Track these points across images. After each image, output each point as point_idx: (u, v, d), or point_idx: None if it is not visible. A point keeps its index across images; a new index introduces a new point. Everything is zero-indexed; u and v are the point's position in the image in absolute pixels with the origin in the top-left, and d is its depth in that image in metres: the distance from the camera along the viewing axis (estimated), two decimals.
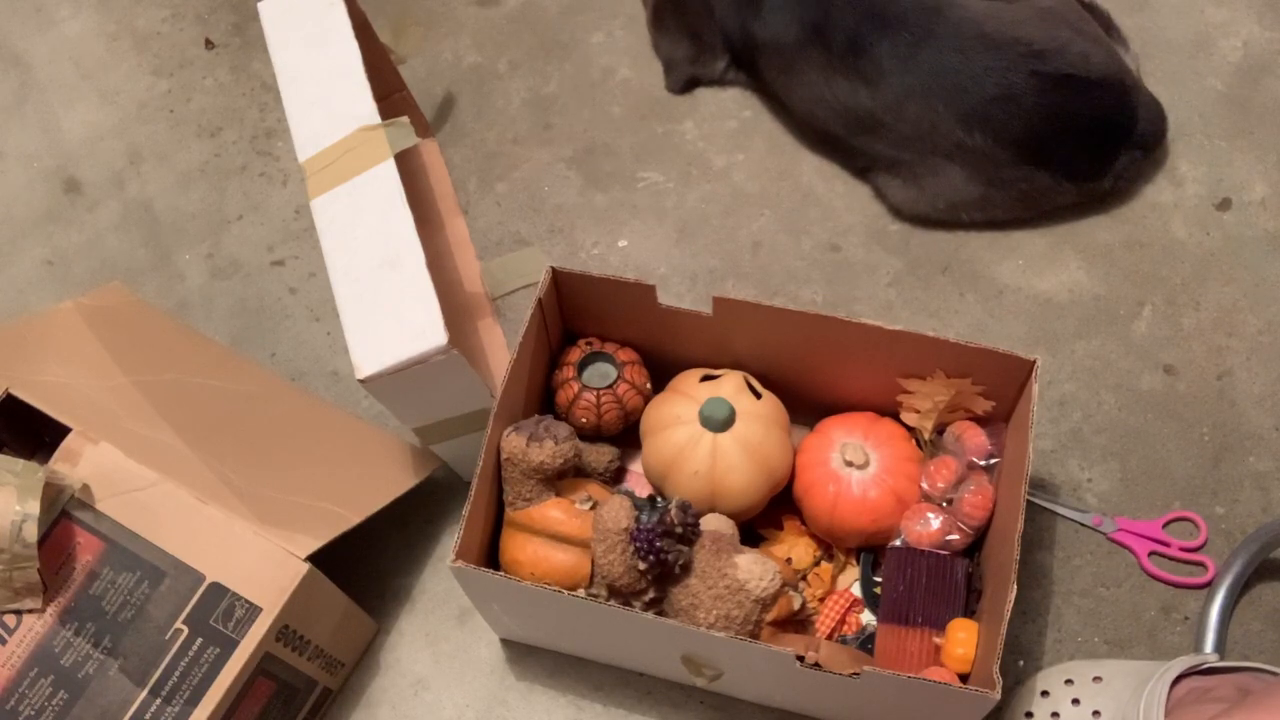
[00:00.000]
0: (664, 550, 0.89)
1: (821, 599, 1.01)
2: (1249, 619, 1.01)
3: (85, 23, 1.55)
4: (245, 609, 0.88)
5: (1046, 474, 1.09)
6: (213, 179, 1.39)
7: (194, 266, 1.32)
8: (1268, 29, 1.35)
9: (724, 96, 1.37)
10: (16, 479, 0.85)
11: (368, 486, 1.02)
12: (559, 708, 1.03)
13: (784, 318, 0.97)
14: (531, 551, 0.95)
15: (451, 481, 1.12)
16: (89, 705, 0.85)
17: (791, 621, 0.95)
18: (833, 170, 1.30)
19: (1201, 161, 1.26)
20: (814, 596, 1.01)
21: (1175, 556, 1.04)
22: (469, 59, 1.44)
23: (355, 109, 1.01)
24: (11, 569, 0.84)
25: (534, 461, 0.93)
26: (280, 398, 1.15)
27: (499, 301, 1.25)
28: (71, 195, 1.39)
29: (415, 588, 1.10)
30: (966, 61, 1.14)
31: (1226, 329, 1.16)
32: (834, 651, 0.94)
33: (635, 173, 1.33)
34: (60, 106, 1.47)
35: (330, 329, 1.25)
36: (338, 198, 0.97)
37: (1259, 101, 1.30)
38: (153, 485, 0.90)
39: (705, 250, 1.26)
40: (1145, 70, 1.27)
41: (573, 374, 1.06)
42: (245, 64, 1.48)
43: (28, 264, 1.35)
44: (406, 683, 1.05)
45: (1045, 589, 1.04)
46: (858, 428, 1.01)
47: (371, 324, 0.90)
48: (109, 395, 0.98)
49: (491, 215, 1.32)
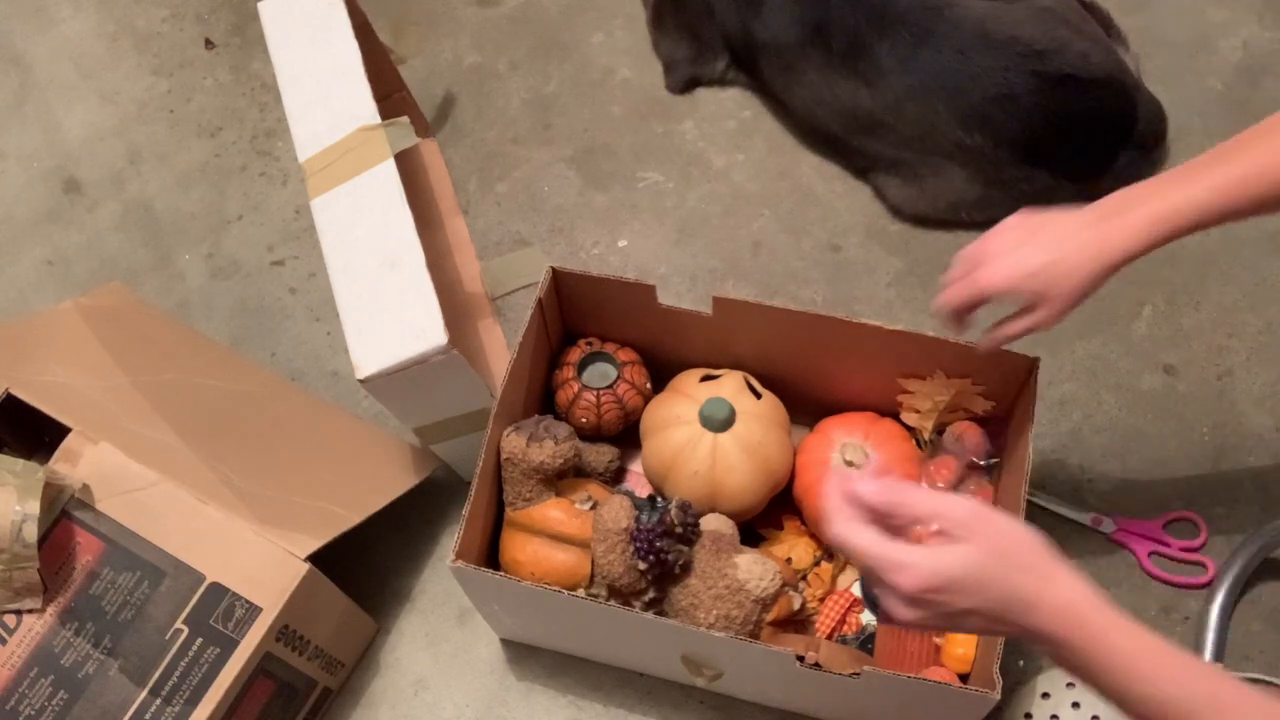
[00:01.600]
0: (664, 550, 0.89)
1: (821, 599, 1.01)
2: (1249, 619, 1.01)
3: (85, 23, 1.55)
4: (245, 609, 0.88)
5: (1046, 474, 1.09)
6: (213, 179, 1.39)
7: (194, 266, 1.32)
8: (1268, 29, 1.35)
9: (724, 96, 1.37)
10: (16, 479, 0.85)
11: (368, 486, 1.02)
12: (559, 708, 1.03)
13: (784, 318, 0.97)
14: (531, 551, 0.95)
15: (451, 481, 1.12)
16: (89, 705, 0.85)
17: (791, 621, 0.95)
18: (833, 170, 1.30)
19: None
20: (814, 596, 1.01)
21: (1175, 556, 1.04)
22: (469, 59, 1.44)
23: (355, 109, 1.01)
24: (11, 569, 0.84)
25: (534, 461, 0.93)
26: (280, 398, 1.15)
27: (499, 301, 1.25)
28: (71, 195, 1.39)
29: (415, 588, 1.10)
30: (966, 61, 1.14)
31: (1226, 329, 1.16)
32: (834, 651, 0.94)
33: (635, 173, 1.33)
34: (60, 106, 1.47)
35: (330, 329, 1.25)
36: (338, 198, 0.97)
37: (1259, 101, 1.30)
38: (153, 485, 0.90)
39: (705, 250, 1.26)
40: (1145, 70, 1.27)
41: (573, 374, 1.06)
42: (245, 64, 1.48)
43: (28, 264, 1.35)
44: (406, 683, 1.05)
45: None
46: (858, 428, 1.01)
47: (371, 324, 0.90)
48: (109, 395, 0.98)
49: (491, 215, 1.32)
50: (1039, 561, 0.59)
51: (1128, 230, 0.75)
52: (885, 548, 0.60)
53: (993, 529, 0.59)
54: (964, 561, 0.58)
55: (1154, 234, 0.75)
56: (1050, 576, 0.59)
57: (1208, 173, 0.74)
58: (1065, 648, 0.58)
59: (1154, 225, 0.75)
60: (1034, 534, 0.60)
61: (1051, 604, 0.58)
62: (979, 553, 0.58)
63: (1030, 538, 0.60)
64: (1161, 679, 0.56)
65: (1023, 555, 0.59)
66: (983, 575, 0.58)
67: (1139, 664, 0.57)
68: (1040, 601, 0.58)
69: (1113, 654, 0.57)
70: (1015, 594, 0.58)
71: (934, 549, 0.59)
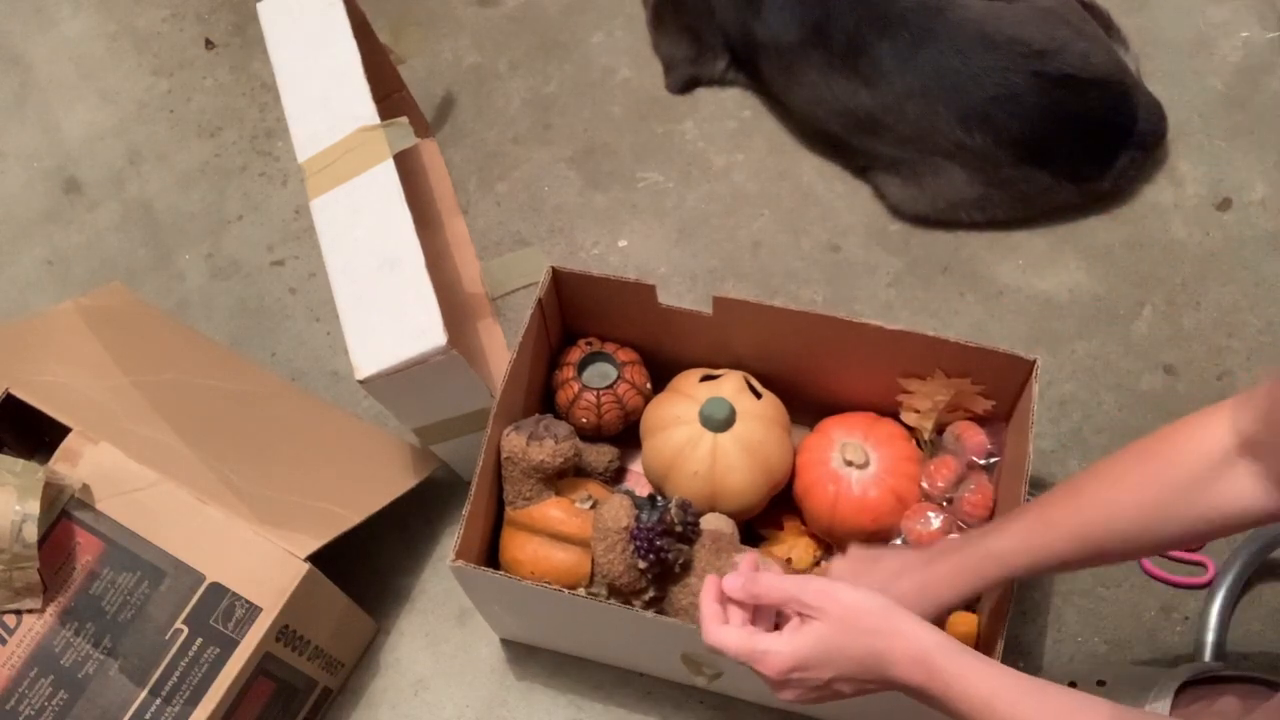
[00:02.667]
0: (664, 549, 0.89)
1: None
2: (1249, 619, 1.01)
3: (85, 23, 1.55)
4: (245, 609, 0.88)
5: (1046, 474, 1.09)
6: (213, 179, 1.39)
7: (194, 266, 1.32)
8: (1268, 29, 1.35)
9: (724, 96, 1.37)
10: (16, 479, 0.85)
11: (368, 486, 1.02)
12: (559, 708, 1.03)
13: (784, 318, 0.97)
14: (532, 551, 0.95)
15: (451, 481, 1.12)
16: (89, 705, 0.85)
17: None
18: (833, 170, 1.30)
19: (1201, 161, 1.26)
20: None
21: (1175, 556, 1.04)
22: (469, 59, 1.44)
23: (355, 109, 1.01)
24: (11, 569, 0.84)
25: (534, 460, 0.93)
26: (280, 398, 1.15)
27: (499, 301, 1.25)
28: (71, 195, 1.39)
29: (415, 588, 1.10)
30: (966, 62, 1.14)
31: (1226, 329, 1.16)
32: None
33: (635, 173, 1.33)
34: (60, 106, 1.47)
35: (330, 329, 1.25)
36: (337, 198, 0.97)
37: (1259, 101, 1.30)
38: (153, 485, 0.90)
39: (705, 250, 1.26)
40: (1145, 70, 1.27)
41: (573, 374, 1.06)
42: (245, 64, 1.48)
43: (28, 264, 1.35)
44: (406, 683, 1.05)
45: (1045, 589, 1.04)
46: (858, 428, 1.01)
47: (371, 324, 0.90)
48: (109, 395, 0.98)
49: (491, 215, 1.32)
50: (884, 622, 0.64)
51: (941, 580, 0.78)
52: (747, 643, 0.66)
53: (837, 604, 0.65)
54: (815, 638, 0.64)
55: (963, 584, 0.77)
56: (898, 633, 0.64)
57: (1012, 527, 0.76)
58: (925, 695, 0.64)
59: (960, 575, 0.77)
60: (877, 598, 0.65)
61: (904, 657, 0.63)
62: (827, 628, 0.64)
63: (873, 602, 0.65)
64: (1018, 712, 0.61)
65: (868, 620, 0.64)
66: (833, 646, 0.64)
67: (995, 703, 0.61)
68: (893, 656, 0.63)
69: (969, 697, 0.62)
70: (869, 655, 0.64)
71: (789, 634, 0.65)
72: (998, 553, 0.76)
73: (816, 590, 0.65)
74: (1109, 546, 0.72)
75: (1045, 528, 0.74)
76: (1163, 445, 0.70)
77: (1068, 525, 0.73)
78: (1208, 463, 0.66)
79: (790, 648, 0.65)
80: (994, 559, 0.76)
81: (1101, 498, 0.72)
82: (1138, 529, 0.70)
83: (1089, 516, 0.72)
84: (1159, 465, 0.69)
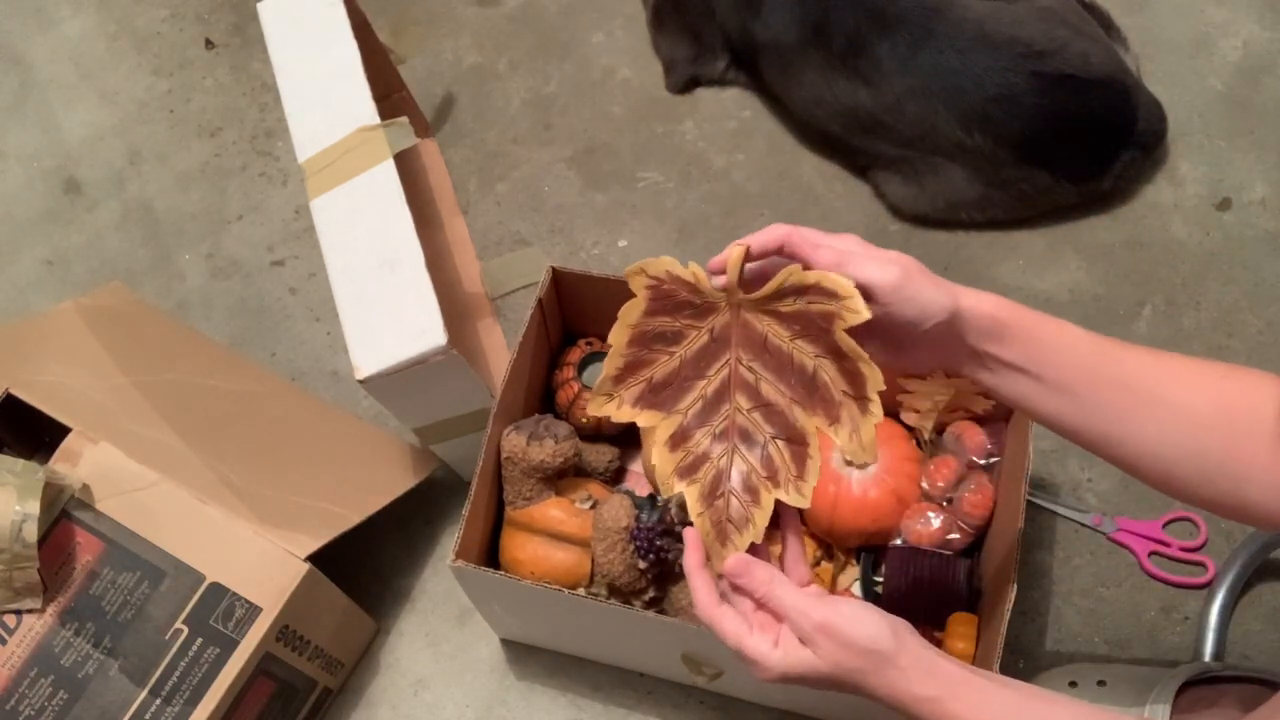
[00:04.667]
0: (664, 549, 0.89)
1: None
2: (1249, 619, 1.01)
3: (85, 23, 1.55)
4: (245, 609, 0.88)
5: (1046, 474, 1.09)
6: (213, 179, 1.39)
7: (194, 266, 1.32)
8: (1268, 29, 1.35)
9: (724, 96, 1.37)
10: (16, 479, 0.85)
11: (368, 486, 1.02)
12: (559, 708, 1.03)
13: None
14: (532, 550, 0.95)
15: (451, 481, 1.12)
16: (89, 705, 0.85)
17: None
18: (833, 170, 1.30)
19: (1201, 161, 1.26)
20: None
21: (1175, 556, 1.04)
22: (469, 59, 1.44)
23: (355, 109, 1.01)
24: (11, 569, 0.84)
25: (534, 460, 0.93)
26: (280, 398, 1.15)
27: (499, 301, 1.25)
28: (71, 195, 1.39)
29: (415, 588, 1.10)
30: (966, 62, 1.14)
31: (1226, 329, 1.16)
32: None
33: (635, 173, 1.33)
34: (60, 106, 1.47)
35: (330, 329, 1.25)
36: (337, 198, 0.97)
37: (1259, 101, 1.30)
38: (153, 485, 0.90)
39: (705, 250, 1.26)
40: (1145, 70, 1.27)
41: (573, 374, 1.06)
42: (245, 64, 1.48)
43: (28, 264, 1.35)
44: (406, 683, 1.05)
45: (1045, 589, 1.04)
46: None
47: (371, 324, 0.90)
48: (109, 395, 0.98)
49: (491, 215, 1.32)
50: (879, 664, 0.63)
51: None
52: (738, 642, 0.65)
53: (833, 646, 0.63)
54: (807, 666, 0.64)
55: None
56: (900, 675, 0.63)
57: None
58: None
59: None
60: (877, 637, 0.63)
61: (905, 698, 0.62)
62: (821, 663, 0.63)
63: (868, 649, 0.63)
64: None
65: (863, 662, 0.63)
66: (824, 676, 0.64)
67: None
68: (895, 699, 0.63)
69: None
70: (868, 692, 0.64)
71: (784, 651, 0.64)
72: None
73: (815, 625, 0.63)
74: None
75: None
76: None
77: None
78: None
79: (781, 666, 0.64)
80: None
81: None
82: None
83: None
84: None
